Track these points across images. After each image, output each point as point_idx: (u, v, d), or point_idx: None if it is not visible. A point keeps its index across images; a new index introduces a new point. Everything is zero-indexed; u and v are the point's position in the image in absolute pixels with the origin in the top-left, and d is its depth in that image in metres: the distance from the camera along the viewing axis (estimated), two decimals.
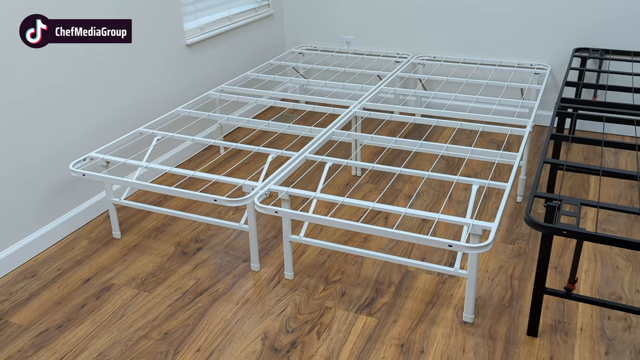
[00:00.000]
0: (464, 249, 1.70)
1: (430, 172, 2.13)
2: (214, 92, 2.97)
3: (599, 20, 3.12)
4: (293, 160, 2.20)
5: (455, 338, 1.82)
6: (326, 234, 2.40)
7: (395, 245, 2.31)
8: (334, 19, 3.73)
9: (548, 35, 3.26)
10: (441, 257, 2.23)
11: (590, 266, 2.15)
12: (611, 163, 2.94)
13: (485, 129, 2.52)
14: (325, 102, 2.95)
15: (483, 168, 2.91)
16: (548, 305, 1.95)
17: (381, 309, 1.96)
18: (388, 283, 2.09)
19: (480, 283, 2.08)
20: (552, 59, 3.30)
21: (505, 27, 3.34)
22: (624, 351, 1.75)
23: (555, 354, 1.75)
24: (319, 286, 2.08)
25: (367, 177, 2.86)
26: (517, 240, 2.33)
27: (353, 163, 2.22)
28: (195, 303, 2.00)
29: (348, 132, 2.47)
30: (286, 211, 1.90)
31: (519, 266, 2.17)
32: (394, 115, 2.72)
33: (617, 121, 2.26)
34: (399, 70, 3.28)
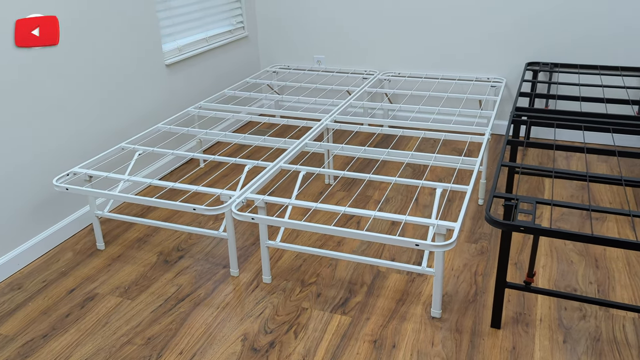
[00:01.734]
0: (430, 247, 1.69)
1: (397, 177, 2.13)
2: (193, 109, 2.94)
3: (548, 37, 3.19)
4: (268, 170, 2.18)
5: (424, 332, 1.81)
6: (302, 239, 2.37)
7: (367, 247, 2.30)
8: (305, 39, 3.74)
9: (503, 51, 3.32)
10: (410, 257, 2.23)
11: (547, 261, 2.17)
12: (563, 166, 2.98)
13: (447, 138, 2.54)
14: (298, 116, 2.94)
15: (446, 174, 2.93)
16: (510, 299, 1.96)
17: (355, 307, 1.94)
18: (361, 283, 2.07)
19: (447, 280, 2.08)
20: (507, 73, 3.35)
21: (464, 44, 3.39)
22: (580, 339, 1.76)
23: (518, 344, 1.75)
24: (295, 288, 2.05)
25: (340, 185, 2.86)
26: (480, 240, 2.34)
27: (325, 171, 2.20)
28: (177, 309, 1.96)
29: (320, 143, 2.46)
30: (262, 218, 1.87)
31: (482, 263, 2.17)
32: (363, 127, 2.72)
33: (567, 127, 2.29)
34: (367, 85, 3.29)
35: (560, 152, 3.16)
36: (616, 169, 2.92)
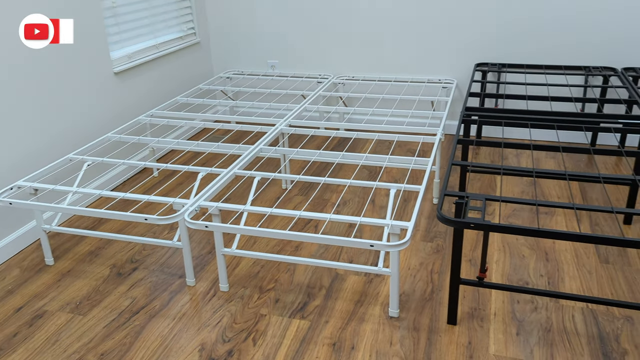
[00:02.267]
0: (384, 247, 1.71)
1: (352, 179, 2.15)
2: (144, 117, 2.89)
3: (496, 39, 3.29)
4: (222, 176, 2.16)
5: (382, 333, 1.83)
6: (259, 245, 2.36)
7: (325, 250, 2.31)
8: (258, 44, 3.73)
9: (453, 53, 3.40)
10: (367, 258, 2.25)
11: (500, 257, 2.23)
12: (514, 163, 3.08)
13: (401, 139, 2.58)
14: (253, 122, 2.93)
15: (402, 175, 2.97)
16: (465, 295, 2.00)
17: (313, 311, 1.94)
18: (319, 287, 2.08)
19: (404, 279, 2.11)
20: (458, 74, 3.43)
21: (416, 47, 3.45)
22: (532, 330, 1.82)
23: (473, 339, 1.79)
24: (253, 295, 2.04)
25: (297, 190, 2.86)
26: (435, 238, 2.38)
27: (280, 176, 2.21)
28: (132, 322, 1.91)
29: (275, 148, 2.46)
30: (216, 225, 1.85)
31: (438, 261, 2.22)
32: (319, 131, 2.73)
33: (514, 125, 2.37)
34: (321, 89, 3.31)
35: (511, 150, 3.26)
36: (563, 164, 3.03)
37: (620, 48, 3.10)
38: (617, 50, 3.11)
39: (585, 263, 2.16)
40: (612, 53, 3.12)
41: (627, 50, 3.09)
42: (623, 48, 3.09)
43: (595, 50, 3.14)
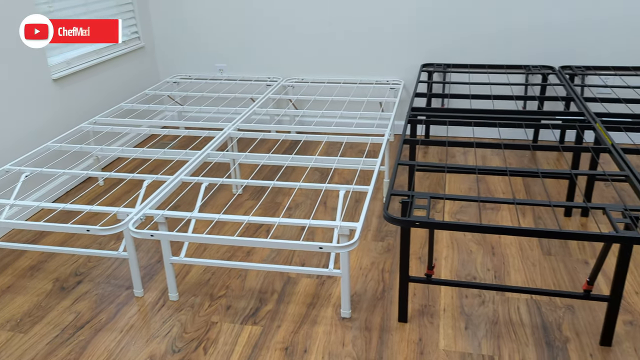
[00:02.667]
0: (333, 249, 1.72)
1: (301, 182, 2.16)
2: (86, 125, 2.80)
3: (441, 39, 3.37)
4: (168, 183, 2.12)
5: (335, 334, 1.84)
6: (210, 252, 2.33)
7: (277, 255, 2.30)
8: (205, 48, 3.69)
9: (399, 54, 3.46)
10: (320, 261, 2.26)
11: (449, 253, 2.28)
12: (461, 161, 3.16)
13: (350, 140, 2.60)
14: (201, 127, 2.89)
15: (354, 176, 3.00)
16: (415, 292, 2.03)
17: (265, 316, 1.93)
18: (271, 291, 2.07)
19: (356, 280, 2.13)
20: (405, 75, 3.50)
21: (363, 49, 3.49)
22: (480, 324, 1.87)
23: (424, 335, 1.82)
24: (204, 303, 2.01)
25: (248, 194, 2.84)
26: (386, 237, 2.41)
27: (229, 181, 2.19)
28: (76, 337, 1.85)
29: (223, 153, 2.43)
30: (162, 233, 1.82)
31: (389, 260, 2.25)
32: (270, 134, 2.72)
33: (458, 124, 2.43)
34: (270, 92, 3.30)
35: (459, 148, 3.35)
36: (507, 161, 3.13)
37: (557, 47, 3.23)
38: (555, 49, 3.24)
39: (529, 256, 2.24)
40: (550, 52, 3.25)
41: (564, 50, 3.23)
42: (560, 47, 3.23)
43: (535, 50, 3.27)
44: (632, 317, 1.87)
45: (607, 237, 1.49)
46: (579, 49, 3.22)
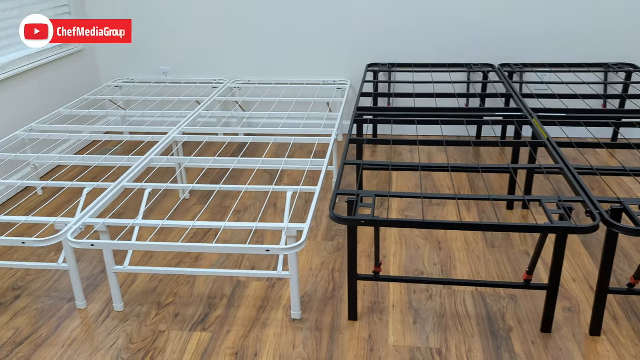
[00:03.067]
0: (280, 251, 1.72)
1: (248, 185, 2.15)
2: (21, 132, 2.69)
3: (385, 39, 3.42)
4: (110, 190, 2.06)
5: (285, 336, 1.84)
6: (157, 259, 2.28)
7: (226, 259, 2.28)
8: (148, 51, 3.61)
9: (346, 54, 3.49)
10: (270, 263, 2.25)
11: (397, 249, 2.32)
12: (408, 159, 3.22)
13: (299, 141, 2.61)
14: (145, 131, 2.83)
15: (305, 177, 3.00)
16: (365, 290, 2.06)
17: (215, 322, 1.91)
18: (221, 296, 2.05)
19: (306, 280, 2.13)
20: (351, 75, 3.54)
21: (310, 50, 3.51)
22: (428, 318, 1.91)
23: (373, 332, 1.85)
24: (151, 312, 1.96)
25: (196, 199, 2.80)
26: (336, 237, 2.43)
27: (173, 186, 2.15)
28: (15, 354, 1.77)
29: (167, 157, 2.39)
30: (103, 243, 1.77)
31: (339, 260, 2.26)
32: (217, 137, 2.69)
33: (402, 122, 2.48)
34: (216, 94, 3.27)
35: (407, 146, 3.41)
36: (453, 157, 3.22)
37: (497, 46, 3.35)
38: (494, 48, 3.35)
39: (475, 249, 2.30)
40: (490, 51, 3.36)
41: (503, 48, 3.34)
42: (499, 46, 3.34)
43: (476, 49, 3.37)
44: (570, 303, 1.96)
45: (543, 228, 1.55)
46: (517, 47, 3.34)
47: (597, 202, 1.65)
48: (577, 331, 1.82)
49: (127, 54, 3.62)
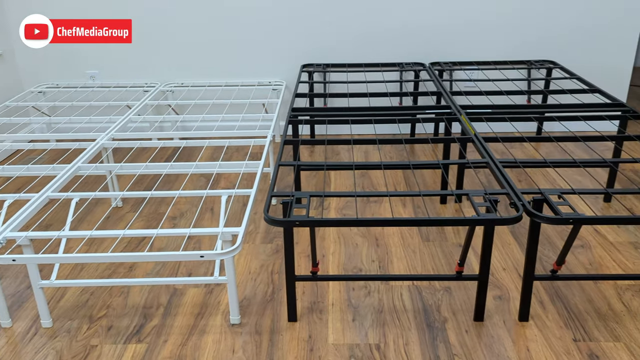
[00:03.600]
0: (214, 256, 1.70)
1: (181, 190, 2.10)
2: None
3: (319, 40, 3.45)
4: (33, 202, 1.97)
5: (225, 342, 1.82)
6: (88, 271, 2.20)
7: (161, 267, 2.23)
8: (73, 54, 3.47)
9: (280, 55, 3.49)
10: (207, 269, 2.22)
11: (336, 248, 2.34)
12: (346, 158, 3.26)
13: (235, 144, 2.59)
14: (72, 138, 2.72)
15: (242, 180, 2.97)
16: (305, 291, 2.07)
17: (151, 332, 1.86)
18: (157, 306, 2.00)
19: (245, 284, 2.12)
20: (286, 76, 3.54)
21: (244, 51, 3.48)
22: (367, 314, 1.94)
23: (313, 332, 1.86)
24: (82, 326, 1.89)
25: (129, 207, 2.72)
26: (275, 239, 2.43)
27: (102, 194, 2.07)
28: None
29: (95, 165, 2.30)
30: (26, 257, 1.68)
31: (278, 261, 2.26)
32: (151, 142, 2.62)
33: (337, 122, 2.51)
34: (148, 98, 3.18)
35: (344, 146, 3.45)
36: (388, 155, 3.29)
37: (426, 44, 3.45)
38: (424, 46, 3.45)
39: (410, 244, 2.36)
40: (421, 50, 3.46)
41: (432, 46, 3.45)
42: (429, 44, 3.45)
43: (407, 48, 3.46)
44: (500, 292, 2.05)
45: (470, 220, 1.61)
46: (446, 46, 3.45)
47: (520, 194, 1.73)
48: (507, 318, 1.90)
49: (51, 58, 3.47)
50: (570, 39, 3.42)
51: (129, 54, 3.47)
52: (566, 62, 3.35)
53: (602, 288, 2.04)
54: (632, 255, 2.25)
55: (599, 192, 1.80)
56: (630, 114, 2.44)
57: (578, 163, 2.00)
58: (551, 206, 1.67)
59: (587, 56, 3.44)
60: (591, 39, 3.42)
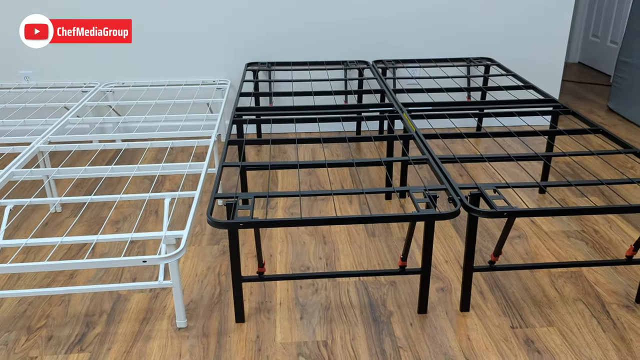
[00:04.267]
0: (157, 261, 1.68)
1: (122, 194, 2.06)
2: None
3: (264, 38, 3.44)
4: None
5: (171, 347, 1.80)
6: (26, 281, 2.12)
7: (104, 273, 2.17)
8: (6, 53, 3.31)
9: (225, 53, 3.46)
10: (152, 273, 2.18)
11: (284, 247, 2.36)
12: (294, 157, 3.27)
13: (179, 145, 2.55)
14: (5, 142, 2.60)
15: (186, 181, 2.94)
16: (252, 291, 2.07)
17: (94, 341, 1.82)
18: (100, 313, 1.95)
19: (192, 287, 2.10)
20: (231, 75, 3.52)
21: (187, 50, 3.43)
22: (314, 312, 1.97)
23: (261, 331, 1.87)
24: (20, 338, 1.82)
25: (69, 212, 2.64)
26: (222, 240, 2.42)
27: (38, 200, 2.00)
28: None
29: (31, 169, 2.22)
30: None
31: (225, 263, 2.25)
32: (92, 145, 2.54)
33: (282, 122, 2.52)
34: (87, 99, 3.09)
35: (290, 145, 3.46)
36: (336, 153, 3.33)
37: (371, 43, 3.50)
38: (369, 45, 3.51)
39: (357, 239, 2.41)
40: (365, 48, 3.51)
41: (376, 44, 3.51)
42: (373, 42, 3.50)
43: (352, 46, 3.50)
44: (443, 284, 2.12)
45: (409, 217, 1.66)
46: (389, 44, 3.52)
47: (458, 189, 1.80)
48: (450, 309, 1.97)
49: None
50: (506, 36, 3.56)
51: (66, 53, 3.35)
52: (503, 59, 3.48)
53: (537, 276, 2.15)
54: (565, 243, 2.37)
55: (531, 185, 1.89)
56: (561, 110, 2.57)
57: (512, 157, 2.09)
58: (487, 200, 1.74)
59: (523, 53, 3.59)
60: (526, 36, 3.57)
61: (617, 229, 2.48)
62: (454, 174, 2.98)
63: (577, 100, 4.36)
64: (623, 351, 1.77)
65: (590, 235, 2.43)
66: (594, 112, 4.07)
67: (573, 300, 2.01)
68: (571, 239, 2.41)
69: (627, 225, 2.51)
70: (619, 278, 2.13)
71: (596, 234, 2.44)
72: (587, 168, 3.02)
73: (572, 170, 3.06)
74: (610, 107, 4.06)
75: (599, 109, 4.15)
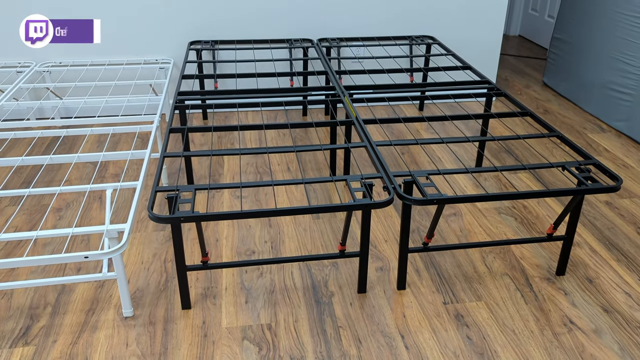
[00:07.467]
0: (99, 256, 1.70)
1: (62, 186, 2.05)
2: None
3: (208, 14, 3.37)
4: None
5: (117, 336, 1.84)
6: None
7: (47, 265, 2.17)
8: None
9: (167, 30, 3.38)
10: (97, 264, 2.19)
11: (230, 232, 2.41)
12: (243, 144, 3.28)
13: (117, 131, 2.52)
14: None
15: (131, 164, 2.92)
16: (198, 277, 2.12)
17: (38, 334, 1.84)
18: (44, 305, 1.96)
19: (138, 275, 2.13)
20: (174, 53, 3.45)
21: (128, 26, 3.34)
22: (259, 295, 2.04)
23: (207, 317, 1.93)
24: None
25: (9, 200, 2.59)
26: (168, 226, 2.44)
27: None
28: None
29: None
30: None
31: (171, 249, 2.29)
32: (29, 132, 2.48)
33: (223, 107, 2.52)
34: (22, 81, 2.98)
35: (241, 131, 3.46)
36: (283, 134, 3.36)
37: (315, 19, 3.48)
38: (313, 21, 3.49)
39: (301, 222, 2.48)
40: (310, 25, 3.49)
41: (321, 21, 3.50)
42: (318, 19, 3.49)
43: (296, 23, 3.48)
44: (382, 263, 2.23)
45: (347, 206, 1.74)
46: (334, 21, 3.51)
47: (393, 177, 1.89)
48: (387, 288, 2.09)
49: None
50: (448, 13, 3.62)
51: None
52: (445, 36, 3.55)
53: (469, 253, 2.29)
54: (496, 220, 2.53)
55: (461, 172, 1.99)
56: (494, 92, 2.69)
57: (444, 141, 2.20)
58: (419, 188, 1.83)
59: (463, 29, 3.66)
60: (466, 13, 3.64)
61: (543, 204, 2.65)
62: (397, 157, 3.08)
63: (516, 75, 4.53)
64: (542, 321, 1.94)
65: (520, 210, 2.60)
66: (530, 87, 4.24)
67: (500, 275, 2.16)
68: (502, 215, 2.56)
69: (553, 200, 2.69)
70: (542, 252, 2.30)
71: (524, 210, 2.60)
72: (518, 148, 3.18)
73: (506, 148, 3.22)
74: (545, 82, 4.25)
75: (535, 83, 4.33)
